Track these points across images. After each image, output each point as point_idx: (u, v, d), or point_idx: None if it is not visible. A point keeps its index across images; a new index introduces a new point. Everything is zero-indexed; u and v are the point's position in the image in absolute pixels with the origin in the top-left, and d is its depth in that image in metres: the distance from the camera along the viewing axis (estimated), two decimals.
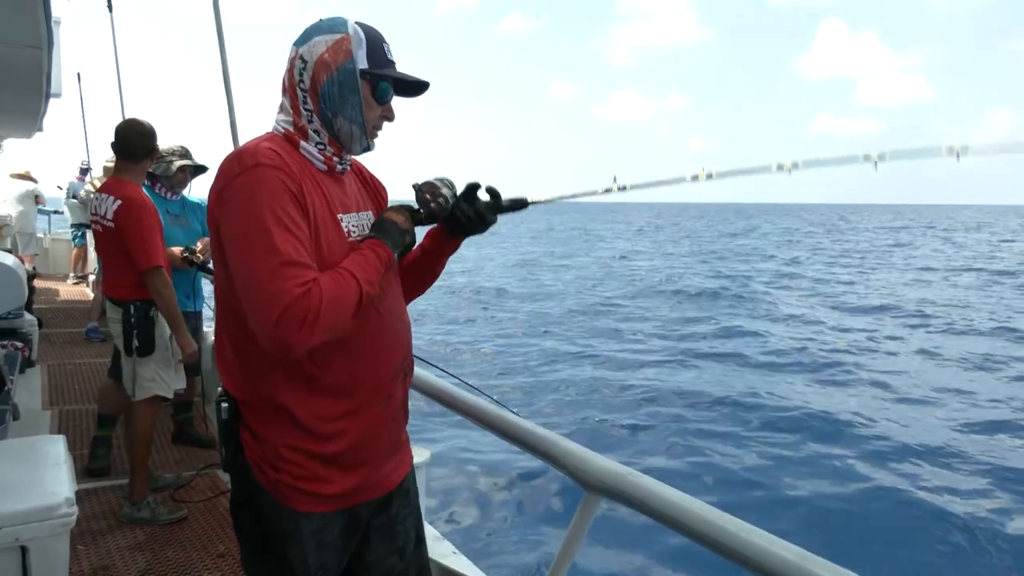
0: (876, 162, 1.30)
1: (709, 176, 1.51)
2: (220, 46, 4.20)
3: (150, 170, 3.76)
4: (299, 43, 1.41)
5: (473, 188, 1.51)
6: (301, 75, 1.39)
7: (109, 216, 3.26)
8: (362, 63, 1.39)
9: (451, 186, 1.51)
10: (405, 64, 1.52)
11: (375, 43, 1.41)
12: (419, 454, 2.44)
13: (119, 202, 3.24)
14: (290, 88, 1.42)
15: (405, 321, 1.56)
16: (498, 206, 1.53)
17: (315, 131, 1.41)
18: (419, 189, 1.49)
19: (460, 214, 1.50)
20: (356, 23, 1.41)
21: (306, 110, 1.40)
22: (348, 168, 1.51)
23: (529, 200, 1.54)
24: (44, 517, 2.26)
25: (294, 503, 1.41)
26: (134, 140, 3.38)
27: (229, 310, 1.41)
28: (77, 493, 2.43)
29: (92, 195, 5.29)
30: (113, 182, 3.38)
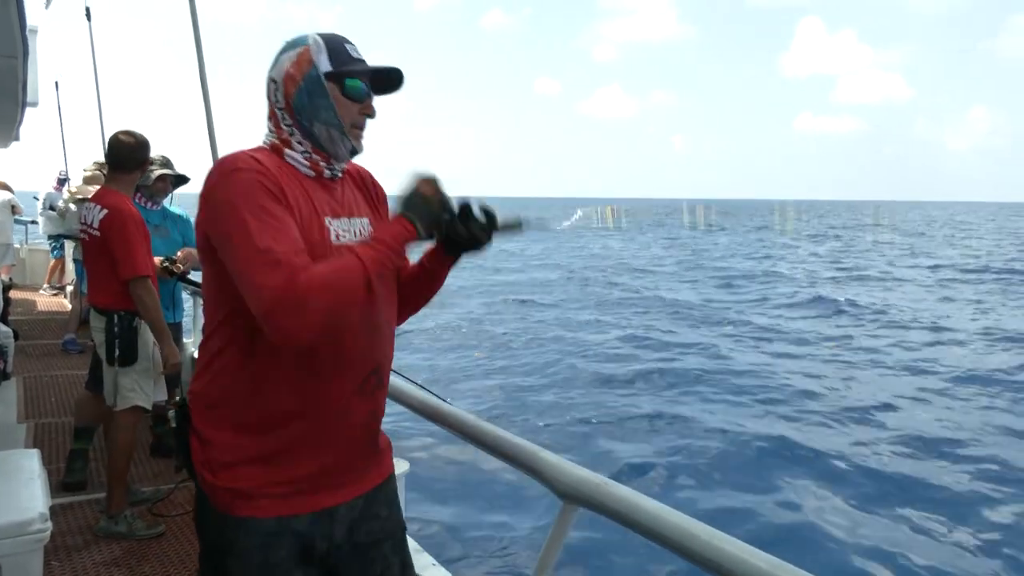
0: None
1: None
2: (197, 49, 4.13)
3: None
4: (270, 69, 1.47)
5: (466, 207, 1.47)
6: (275, 96, 1.45)
7: (95, 225, 3.28)
8: (325, 67, 1.42)
9: (447, 203, 1.46)
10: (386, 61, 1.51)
11: (336, 45, 1.45)
12: (398, 465, 2.43)
13: (105, 211, 3.26)
14: (270, 111, 1.47)
15: (384, 331, 1.52)
16: (493, 227, 1.48)
17: (298, 142, 1.45)
18: None
19: (454, 235, 1.47)
20: (316, 34, 1.46)
21: (286, 126, 1.45)
22: (340, 175, 1.52)
23: (524, 224, 1.49)
24: (17, 533, 2.23)
25: (234, 508, 1.37)
26: (125, 151, 3.39)
27: (213, 311, 1.43)
28: (52, 508, 2.40)
29: (83, 204, 5.25)
30: (102, 192, 3.41)
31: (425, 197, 1.42)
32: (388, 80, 1.50)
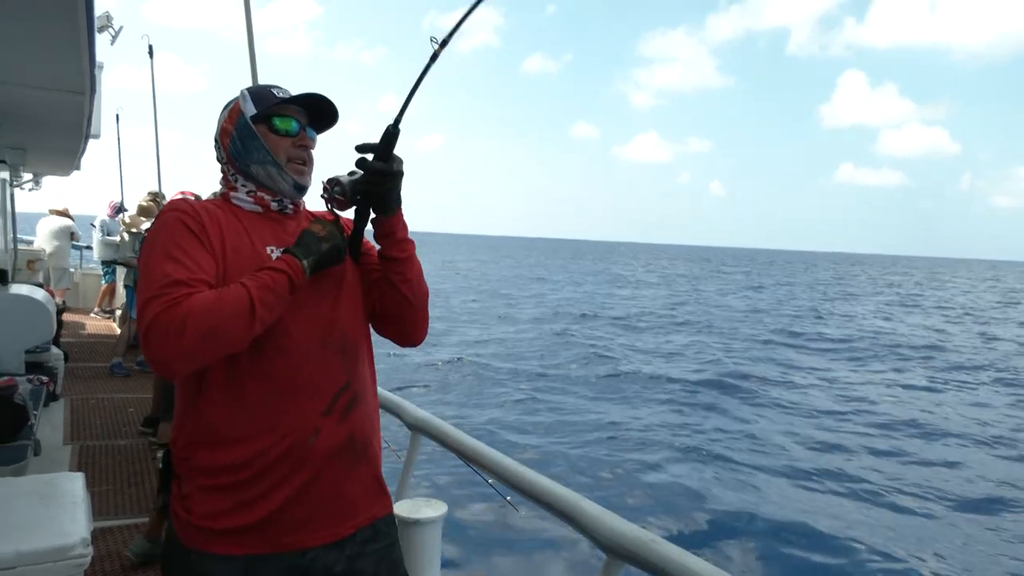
0: None
1: None
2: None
3: None
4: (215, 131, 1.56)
5: (360, 160, 1.46)
6: (219, 152, 1.55)
7: None
8: (250, 111, 1.51)
9: (350, 173, 1.51)
10: (423, 104, 1.50)
11: (260, 91, 1.53)
12: (435, 508, 2.40)
13: None
14: (221, 169, 1.56)
15: (347, 350, 1.48)
16: (380, 151, 1.44)
17: (242, 185, 1.52)
18: (323, 192, 1.51)
19: (362, 182, 1.46)
20: (244, 88, 1.55)
21: (231, 177, 1.54)
22: (290, 210, 1.55)
23: (390, 127, 1.45)
24: (58, 558, 2.23)
25: (205, 545, 1.36)
26: None
27: None
28: (93, 532, 2.41)
29: (136, 236, 5.42)
30: None
31: (312, 234, 1.44)
32: (322, 111, 1.54)
